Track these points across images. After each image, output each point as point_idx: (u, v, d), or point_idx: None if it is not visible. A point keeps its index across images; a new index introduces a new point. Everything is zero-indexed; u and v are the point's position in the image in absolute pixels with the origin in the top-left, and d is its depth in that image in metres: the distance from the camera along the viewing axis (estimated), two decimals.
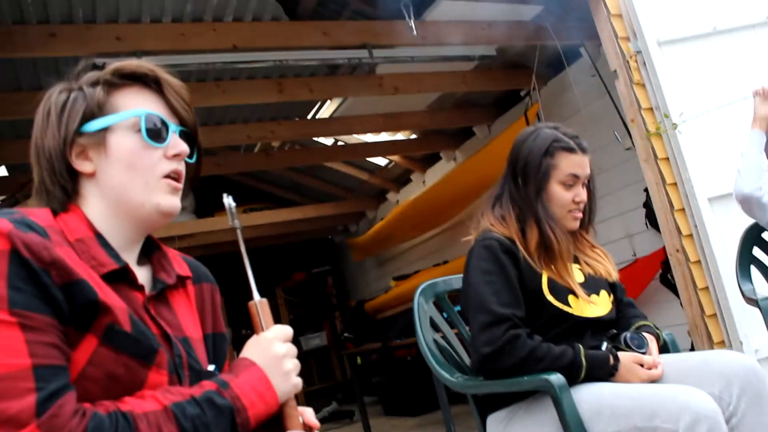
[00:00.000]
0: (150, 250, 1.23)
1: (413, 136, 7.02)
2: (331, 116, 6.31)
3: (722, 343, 3.33)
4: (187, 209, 7.77)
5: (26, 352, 0.90)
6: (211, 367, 1.19)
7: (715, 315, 3.36)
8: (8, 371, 0.88)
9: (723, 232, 3.33)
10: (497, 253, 1.93)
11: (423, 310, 2.21)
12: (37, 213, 1.07)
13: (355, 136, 6.84)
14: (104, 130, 1.13)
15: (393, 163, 7.81)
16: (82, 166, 1.13)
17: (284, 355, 1.12)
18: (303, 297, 10.46)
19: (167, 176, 1.16)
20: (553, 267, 1.97)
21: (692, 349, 3.59)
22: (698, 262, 3.40)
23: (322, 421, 7.10)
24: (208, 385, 1.05)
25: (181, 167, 1.18)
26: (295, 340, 1.22)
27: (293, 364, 1.14)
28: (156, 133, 1.14)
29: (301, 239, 10.05)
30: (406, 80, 5.17)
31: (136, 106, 1.15)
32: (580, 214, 2.05)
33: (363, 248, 8.55)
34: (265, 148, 7.06)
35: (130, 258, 1.17)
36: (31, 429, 0.86)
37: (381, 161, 7.93)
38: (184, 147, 1.17)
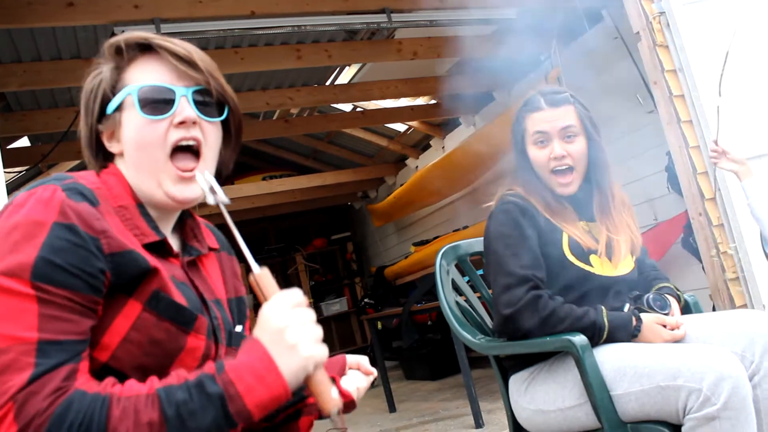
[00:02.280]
0: (182, 217, 1.24)
1: (432, 102, 6.98)
2: (349, 82, 6.29)
3: (745, 307, 3.32)
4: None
5: (36, 326, 0.90)
6: (238, 328, 1.20)
7: (737, 278, 3.35)
8: (14, 344, 0.89)
9: None
10: (515, 216, 1.94)
11: (445, 273, 2.23)
12: (86, 176, 1.10)
13: (374, 102, 6.81)
14: (118, 111, 1.14)
15: (412, 128, 7.78)
16: (112, 147, 1.17)
17: (285, 326, 0.97)
18: (323, 263, 10.53)
19: (178, 149, 1.13)
20: (568, 227, 1.97)
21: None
22: (721, 225, 3.37)
23: None
24: (207, 368, 0.97)
25: (194, 133, 1.14)
26: (316, 306, 1.20)
27: (302, 334, 0.97)
28: (156, 106, 1.12)
29: (321, 206, 10.08)
30: (426, 45, 5.13)
31: (140, 78, 1.13)
32: (568, 177, 2.00)
33: (383, 214, 8.56)
34: (283, 114, 7.05)
35: (167, 228, 1.19)
36: (6, 402, 0.86)
37: (400, 127, 7.90)
38: (188, 112, 1.12)
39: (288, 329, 0.97)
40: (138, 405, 0.90)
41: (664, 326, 1.84)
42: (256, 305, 1.03)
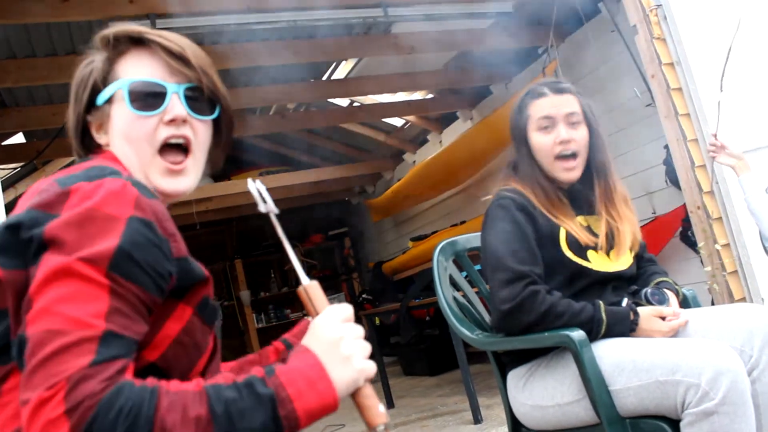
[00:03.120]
0: None
1: (429, 96, 6.97)
2: (346, 77, 6.27)
3: (743, 300, 3.32)
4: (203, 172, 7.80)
5: (104, 315, 0.89)
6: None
7: (736, 272, 3.35)
8: (80, 329, 0.87)
9: None
10: (512, 211, 1.93)
11: (443, 268, 2.22)
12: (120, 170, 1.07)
13: (370, 96, 6.79)
14: (107, 103, 1.14)
15: (409, 123, 7.77)
16: (100, 138, 1.17)
17: (340, 337, 0.99)
18: (321, 259, 10.53)
19: (166, 147, 1.12)
20: (566, 222, 1.96)
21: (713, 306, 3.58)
22: (719, 218, 3.37)
23: None
24: (255, 371, 0.96)
25: (183, 131, 1.13)
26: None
27: (355, 347, 0.99)
28: (146, 101, 1.11)
29: (318, 201, 10.06)
30: (422, 39, 5.11)
31: (131, 72, 1.13)
32: (572, 162, 2.00)
33: (380, 209, 8.55)
34: (280, 110, 7.03)
35: None
36: (59, 382, 0.85)
37: (397, 122, 7.89)
38: (178, 110, 1.12)
39: (343, 341, 0.98)
40: (186, 399, 0.89)
41: (663, 319, 1.84)
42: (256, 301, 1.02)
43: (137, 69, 1.13)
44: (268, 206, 1.12)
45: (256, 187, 1.12)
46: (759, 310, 1.80)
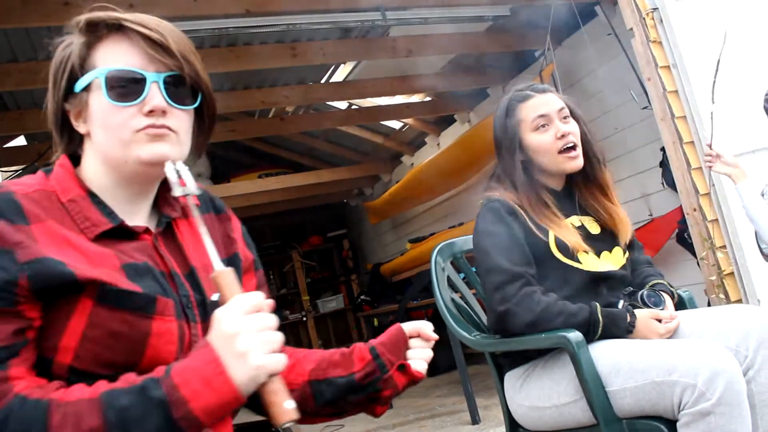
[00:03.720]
0: (159, 190, 1.20)
1: (427, 99, 6.99)
2: (344, 80, 6.29)
3: (740, 302, 3.34)
4: (202, 175, 7.82)
5: None
6: (215, 297, 1.09)
7: (732, 273, 3.37)
8: None
9: None
10: (502, 214, 1.94)
11: (440, 270, 2.23)
12: (27, 181, 1.08)
13: (369, 99, 6.81)
14: (85, 91, 1.10)
15: (407, 126, 7.78)
16: (79, 127, 1.13)
17: (236, 332, 0.92)
18: (320, 261, 10.53)
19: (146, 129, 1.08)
20: (555, 227, 1.97)
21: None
22: (716, 220, 3.39)
23: None
24: (156, 371, 0.93)
25: (164, 120, 1.08)
26: (312, 303, 1.19)
27: (252, 343, 0.92)
28: (124, 91, 1.07)
29: (317, 203, 10.07)
30: (420, 42, 5.13)
31: (109, 60, 1.08)
32: (576, 152, 2.02)
33: (379, 211, 8.56)
34: (279, 113, 7.05)
35: (143, 209, 1.16)
36: None
37: (395, 124, 7.90)
38: (156, 101, 1.07)
39: (239, 336, 0.92)
40: (79, 410, 0.86)
41: (659, 321, 1.85)
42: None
43: (115, 56, 1.08)
44: (186, 189, 1.07)
45: (174, 168, 1.07)
46: (755, 311, 1.81)
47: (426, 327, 1.30)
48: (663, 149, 4.04)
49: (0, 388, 0.86)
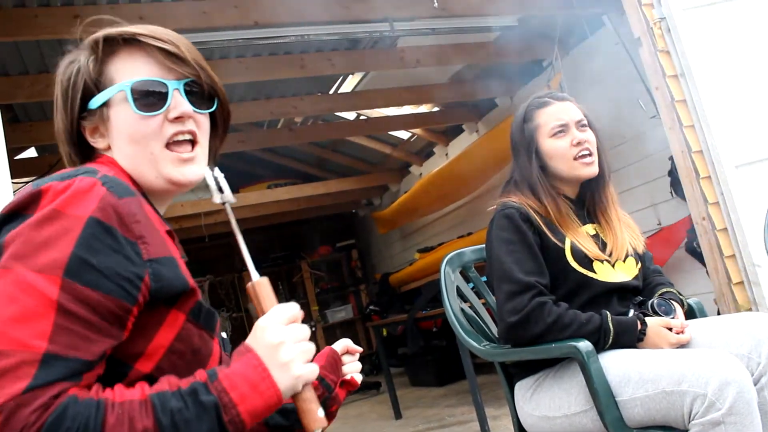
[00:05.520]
0: None
1: (435, 109, 7.00)
2: (353, 90, 6.31)
3: (749, 310, 3.32)
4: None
5: (48, 335, 0.86)
6: (223, 334, 1.17)
7: (741, 282, 3.35)
8: (20, 349, 0.84)
9: (750, 199, 3.31)
10: (517, 221, 1.94)
11: (450, 280, 2.24)
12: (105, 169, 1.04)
13: (377, 109, 6.83)
14: (104, 106, 1.10)
15: (415, 136, 7.80)
16: (97, 143, 1.13)
17: (279, 342, 0.96)
18: (328, 271, 10.54)
19: (173, 142, 1.10)
20: (571, 234, 1.97)
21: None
22: (725, 229, 3.38)
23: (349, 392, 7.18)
24: (199, 375, 0.94)
25: (189, 126, 1.11)
26: (321, 314, 1.22)
27: (294, 353, 0.97)
28: (149, 101, 1.09)
29: (326, 213, 10.10)
30: (428, 53, 5.15)
31: (128, 73, 1.10)
32: (592, 157, 2.03)
33: (387, 221, 8.57)
34: (288, 123, 7.08)
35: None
36: None
37: (403, 134, 7.92)
38: (184, 107, 1.10)
39: (282, 346, 0.96)
40: (132, 412, 0.87)
41: (670, 330, 1.85)
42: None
43: (134, 69, 1.10)
44: (224, 196, 1.10)
45: (213, 176, 1.11)
46: (766, 319, 1.81)
47: (350, 343, 1.50)
48: (671, 158, 4.03)
49: (47, 398, 0.84)
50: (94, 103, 1.10)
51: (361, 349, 1.52)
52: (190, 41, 1.16)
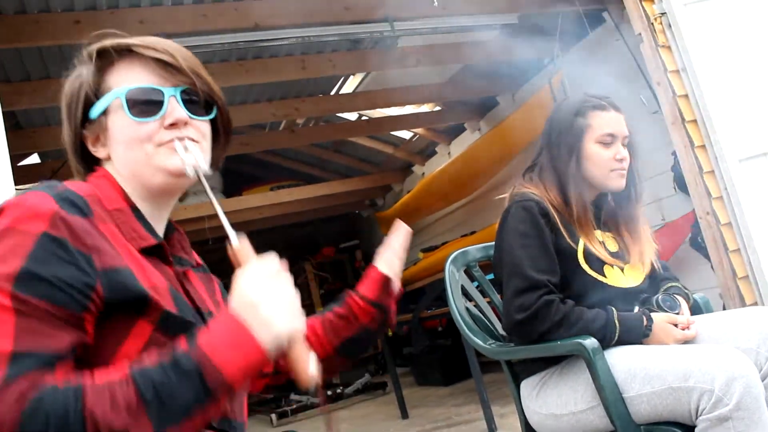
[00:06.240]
0: (168, 231, 1.23)
1: (437, 108, 7.00)
2: (354, 91, 6.32)
3: (755, 305, 3.31)
4: (215, 189, 7.86)
5: (12, 337, 0.87)
6: None
7: (747, 277, 3.34)
8: None
9: (754, 193, 3.30)
10: (535, 215, 1.91)
11: (454, 278, 2.23)
12: (77, 183, 1.08)
13: (378, 110, 6.84)
14: (103, 115, 1.13)
15: (417, 135, 7.80)
16: (98, 152, 1.16)
17: (259, 299, 0.94)
18: (333, 272, 10.55)
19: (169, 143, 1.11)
20: (586, 236, 1.96)
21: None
22: (729, 224, 3.37)
23: (355, 393, 7.20)
24: (180, 344, 0.93)
25: (187, 132, 1.12)
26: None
27: (275, 310, 0.94)
28: (145, 108, 1.10)
29: (329, 215, 10.11)
30: (429, 52, 5.15)
31: (125, 82, 1.11)
32: (625, 172, 2.03)
33: (391, 221, 8.49)
34: (289, 125, 7.08)
35: (159, 231, 1.17)
36: None
37: (405, 134, 7.92)
38: (179, 113, 1.11)
39: (262, 303, 0.94)
40: (113, 390, 0.86)
41: (676, 326, 1.85)
42: None
43: (131, 77, 1.12)
44: (195, 164, 1.10)
45: (184, 146, 1.10)
46: None
47: (391, 244, 1.42)
48: (674, 153, 4.02)
49: (25, 388, 0.85)
50: (94, 112, 1.13)
51: (405, 236, 1.43)
52: (191, 44, 1.17)
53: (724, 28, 3.46)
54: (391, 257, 1.42)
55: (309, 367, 0.97)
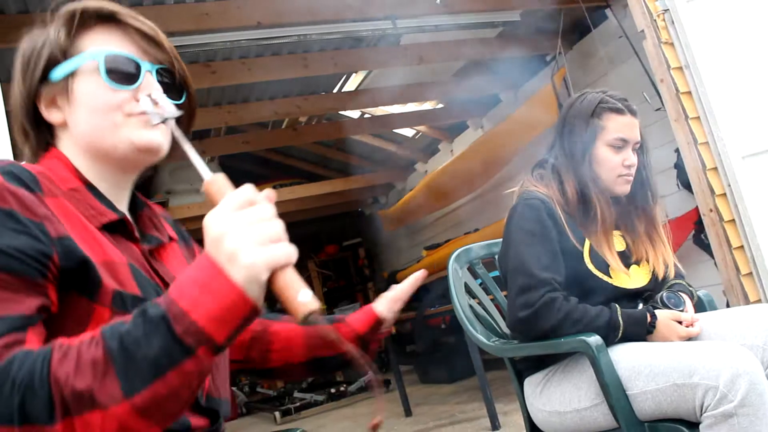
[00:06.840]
0: (137, 208, 1.19)
1: (439, 106, 7.00)
2: (356, 89, 6.32)
3: (759, 302, 3.31)
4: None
5: None
6: None
7: (750, 274, 3.34)
8: None
9: (757, 190, 3.30)
10: (541, 213, 1.91)
11: (457, 276, 2.23)
12: (27, 164, 1.05)
13: (381, 108, 6.84)
14: (69, 77, 1.07)
15: (420, 133, 7.81)
16: (51, 115, 1.10)
17: (223, 233, 0.82)
18: (336, 270, 10.56)
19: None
20: (593, 234, 1.96)
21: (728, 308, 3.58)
22: (732, 221, 3.37)
23: (358, 391, 7.20)
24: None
25: (156, 110, 1.07)
26: (330, 313, 1.21)
27: (242, 238, 0.82)
28: (121, 75, 1.06)
29: (332, 213, 10.11)
30: (431, 49, 5.15)
31: (101, 46, 1.07)
32: (631, 178, 2.01)
33: (393, 219, 8.57)
34: (292, 123, 7.09)
35: (122, 206, 1.13)
36: None
37: (408, 132, 7.92)
38: (154, 90, 1.07)
39: (227, 235, 0.82)
40: (81, 347, 0.82)
41: (680, 323, 1.84)
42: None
43: (108, 44, 1.07)
44: (164, 111, 1.05)
45: (151, 99, 1.06)
46: None
47: (396, 291, 1.42)
48: (677, 150, 4.02)
49: (5, 349, 0.83)
50: (59, 72, 1.07)
51: (419, 281, 1.41)
52: (193, 43, 1.15)
53: (727, 24, 3.46)
54: (395, 299, 1.42)
55: (299, 295, 0.83)
